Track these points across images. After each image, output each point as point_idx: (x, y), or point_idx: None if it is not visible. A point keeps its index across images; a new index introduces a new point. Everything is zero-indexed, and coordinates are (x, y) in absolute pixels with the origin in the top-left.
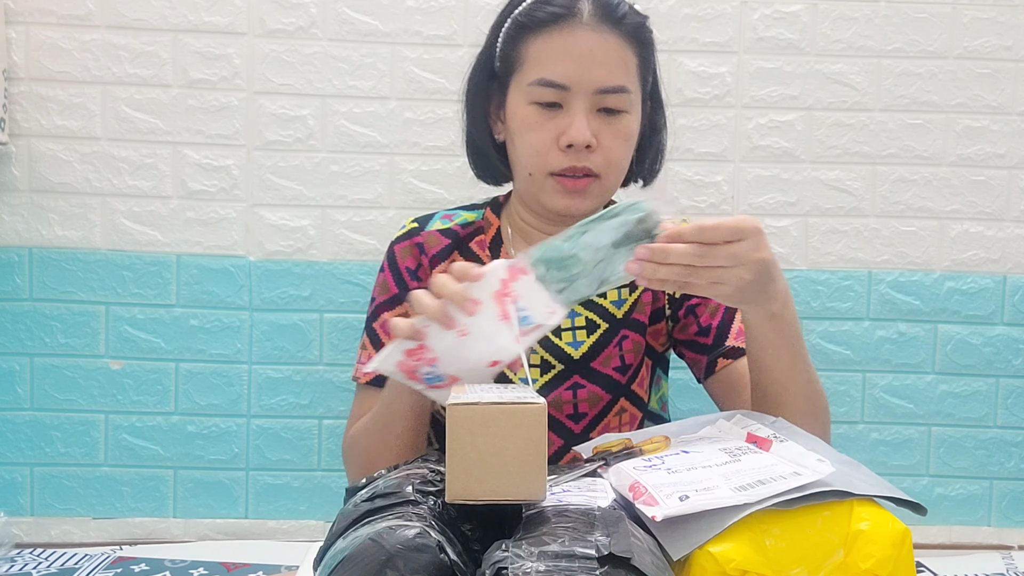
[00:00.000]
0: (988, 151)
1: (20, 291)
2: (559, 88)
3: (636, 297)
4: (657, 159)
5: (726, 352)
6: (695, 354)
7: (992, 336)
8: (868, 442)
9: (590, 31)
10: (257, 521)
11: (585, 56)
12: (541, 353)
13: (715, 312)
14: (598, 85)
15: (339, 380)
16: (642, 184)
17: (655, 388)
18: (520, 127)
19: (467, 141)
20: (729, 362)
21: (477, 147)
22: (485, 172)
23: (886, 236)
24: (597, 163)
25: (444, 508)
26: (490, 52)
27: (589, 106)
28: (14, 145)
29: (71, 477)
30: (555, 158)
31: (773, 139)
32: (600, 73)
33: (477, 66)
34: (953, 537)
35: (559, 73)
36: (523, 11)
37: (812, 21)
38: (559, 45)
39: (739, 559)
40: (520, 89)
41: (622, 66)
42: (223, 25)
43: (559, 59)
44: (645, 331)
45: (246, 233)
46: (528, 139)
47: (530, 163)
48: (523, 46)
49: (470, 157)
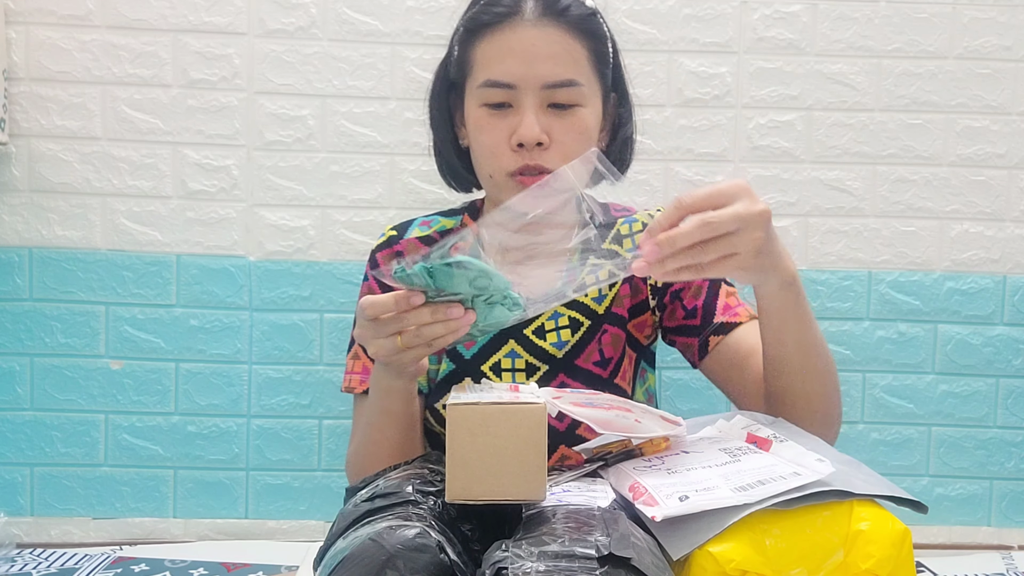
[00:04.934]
0: (988, 151)
1: (20, 291)
2: (505, 87)
3: (615, 291)
4: (625, 152)
5: (716, 329)
6: (686, 338)
7: (992, 336)
8: (868, 442)
9: (531, 27)
10: (257, 521)
11: (528, 52)
12: (526, 357)
13: (698, 293)
14: (544, 80)
15: (339, 380)
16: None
17: (640, 381)
18: (474, 130)
19: (434, 150)
20: (720, 338)
21: (441, 154)
22: (453, 179)
23: (886, 236)
24: (551, 160)
25: (444, 508)
26: (447, 60)
27: (538, 103)
28: (14, 145)
29: (71, 477)
30: (508, 159)
31: (773, 139)
32: (545, 68)
33: (437, 75)
34: (953, 537)
35: (504, 72)
36: (471, 15)
37: (812, 21)
38: (503, 44)
39: (739, 559)
40: (472, 93)
41: (569, 59)
42: (223, 25)
43: (503, 58)
44: (625, 324)
45: (246, 233)
46: (482, 141)
47: (488, 165)
48: (472, 50)
49: (438, 165)
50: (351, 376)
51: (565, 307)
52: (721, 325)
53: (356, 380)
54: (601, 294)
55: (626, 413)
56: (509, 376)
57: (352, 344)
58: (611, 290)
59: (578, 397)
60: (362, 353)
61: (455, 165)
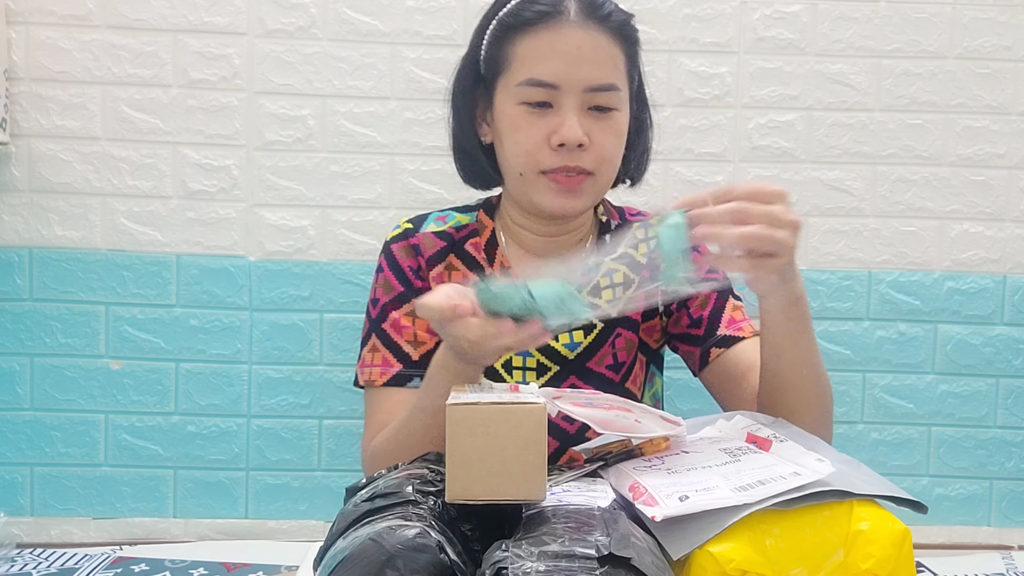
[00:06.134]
0: (988, 151)
1: (20, 291)
2: (548, 87)
3: None
4: (644, 158)
5: (718, 341)
6: (688, 346)
7: (992, 336)
8: (868, 442)
9: (577, 29)
10: (257, 521)
11: (573, 54)
12: (537, 356)
13: (705, 303)
14: (588, 83)
15: (339, 380)
16: (629, 184)
17: (648, 385)
18: (509, 128)
19: (454, 145)
20: (722, 351)
21: (464, 150)
22: (473, 175)
23: (886, 236)
24: (590, 162)
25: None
26: (475, 55)
27: (579, 104)
28: (14, 145)
29: (71, 477)
30: (546, 157)
31: (773, 139)
32: (589, 71)
33: (462, 70)
34: (953, 537)
35: (548, 72)
36: (509, 11)
37: (812, 21)
38: (547, 44)
39: (739, 559)
40: (508, 90)
41: (611, 64)
42: (223, 25)
43: (547, 58)
44: (638, 328)
45: (246, 233)
46: (518, 139)
47: (520, 163)
48: (510, 46)
49: (457, 161)
50: (371, 369)
51: None
52: (724, 338)
53: (376, 372)
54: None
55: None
56: (520, 374)
57: (368, 337)
58: (625, 293)
59: (578, 397)
60: (381, 345)
61: (480, 161)
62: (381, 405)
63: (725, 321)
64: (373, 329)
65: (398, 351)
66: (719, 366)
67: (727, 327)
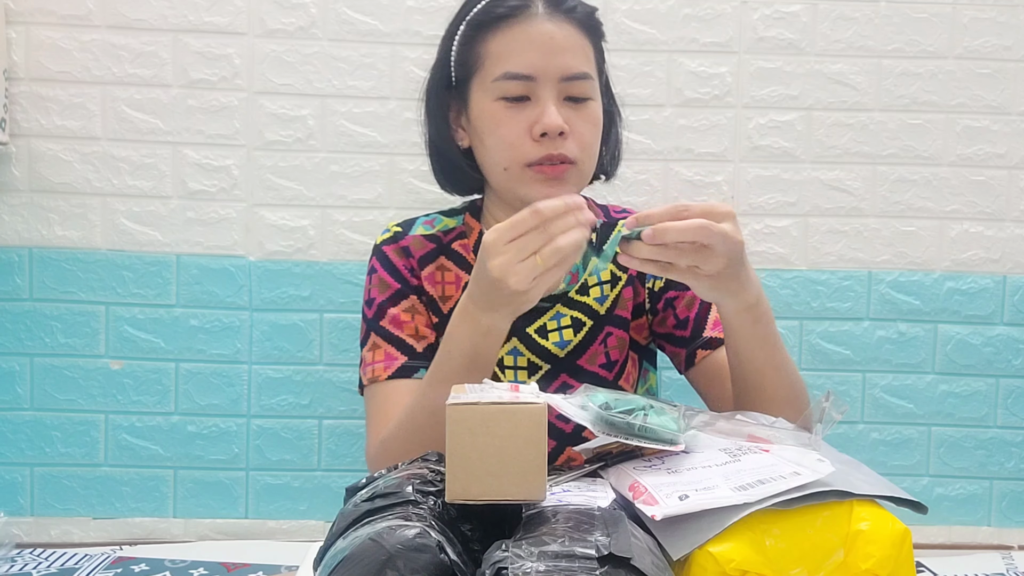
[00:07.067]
0: (988, 151)
1: (20, 291)
2: (525, 79)
3: (618, 292)
4: (616, 152)
5: (704, 343)
6: (674, 347)
7: (992, 336)
8: (868, 442)
9: (547, 21)
10: (257, 521)
11: (547, 44)
12: (528, 355)
13: (691, 304)
14: (563, 72)
15: (339, 380)
16: (604, 179)
17: (642, 381)
18: (489, 124)
19: (431, 152)
20: (708, 352)
21: (443, 155)
22: (453, 180)
23: (886, 236)
24: (572, 149)
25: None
26: (445, 60)
27: (556, 94)
28: (14, 145)
29: (71, 477)
30: (529, 149)
31: (773, 139)
32: (563, 60)
33: (432, 78)
34: (953, 537)
35: (523, 64)
36: (478, 12)
37: (812, 21)
38: (520, 37)
39: (739, 559)
40: (484, 88)
41: (582, 53)
42: (223, 25)
43: (522, 51)
44: (628, 326)
45: (246, 233)
46: (499, 134)
47: (504, 158)
48: (481, 45)
49: (436, 167)
50: (373, 366)
51: (567, 307)
52: (710, 340)
53: (380, 368)
54: (603, 294)
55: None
56: (511, 374)
57: (367, 338)
58: (613, 291)
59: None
60: (382, 341)
61: (460, 164)
62: (388, 399)
63: (711, 323)
64: (372, 328)
65: (401, 344)
66: (705, 367)
67: (712, 329)
